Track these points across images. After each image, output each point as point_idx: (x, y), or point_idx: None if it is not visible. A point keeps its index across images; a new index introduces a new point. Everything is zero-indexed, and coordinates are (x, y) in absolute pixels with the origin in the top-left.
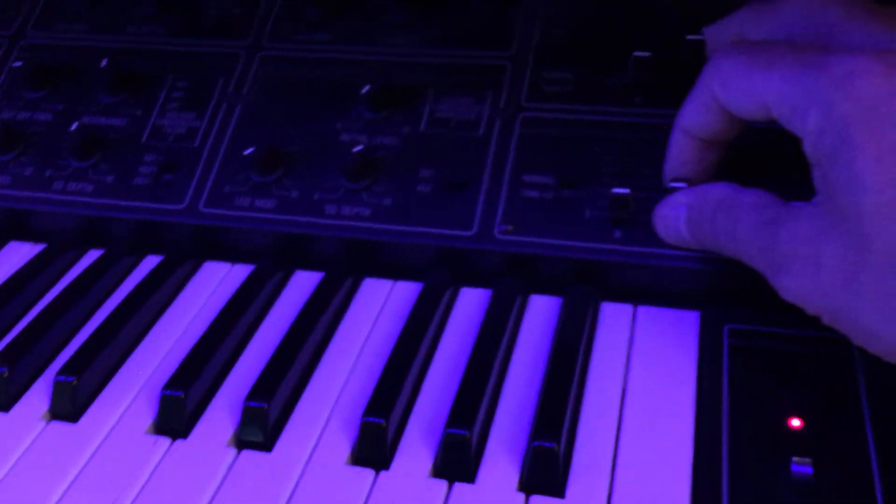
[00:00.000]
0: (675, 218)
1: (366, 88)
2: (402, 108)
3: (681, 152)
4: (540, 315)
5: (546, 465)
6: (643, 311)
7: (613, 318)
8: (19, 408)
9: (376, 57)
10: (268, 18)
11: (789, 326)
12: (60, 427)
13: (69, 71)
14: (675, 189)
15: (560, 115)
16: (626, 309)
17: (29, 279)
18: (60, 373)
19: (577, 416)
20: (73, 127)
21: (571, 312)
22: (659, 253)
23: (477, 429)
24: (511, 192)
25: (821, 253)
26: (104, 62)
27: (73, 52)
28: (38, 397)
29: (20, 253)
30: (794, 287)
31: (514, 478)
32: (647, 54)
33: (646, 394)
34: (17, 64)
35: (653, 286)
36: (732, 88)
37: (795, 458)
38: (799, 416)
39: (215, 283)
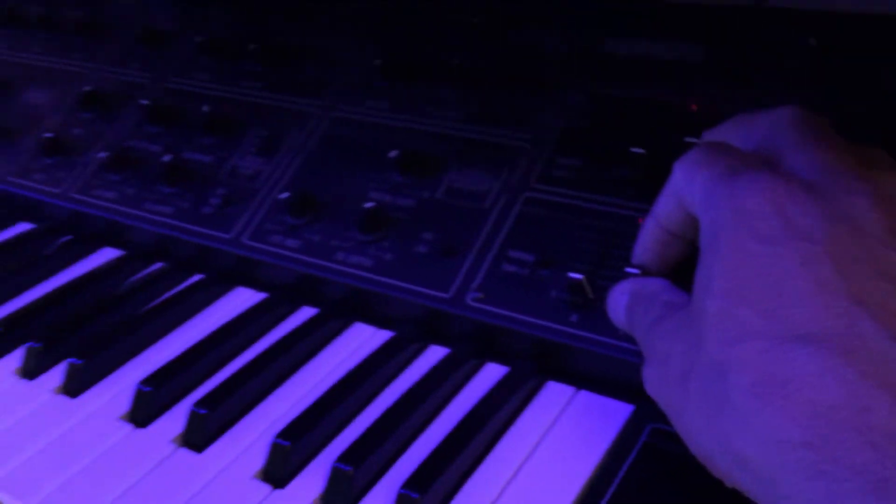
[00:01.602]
0: (618, 302)
1: (394, 153)
2: (427, 174)
3: (647, 239)
4: (487, 381)
5: None
6: (582, 395)
7: (550, 397)
8: (156, 427)
9: (421, 126)
10: (346, 83)
11: None
12: (186, 455)
13: (178, 113)
14: (631, 274)
15: (560, 199)
16: (567, 390)
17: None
18: (198, 404)
19: (468, 475)
20: (167, 158)
21: (507, 382)
22: (609, 343)
23: (366, 468)
24: (493, 264)
25: (672, 349)
26: (205, 108)
27: (184, 97)
28: (174, 421)
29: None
30: (648, 378)
31: None
32: (641, 151)
33: (539, 474)
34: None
35: (599, 373)
36: (684, 183)
37: None
38: None
39: (355, 345)
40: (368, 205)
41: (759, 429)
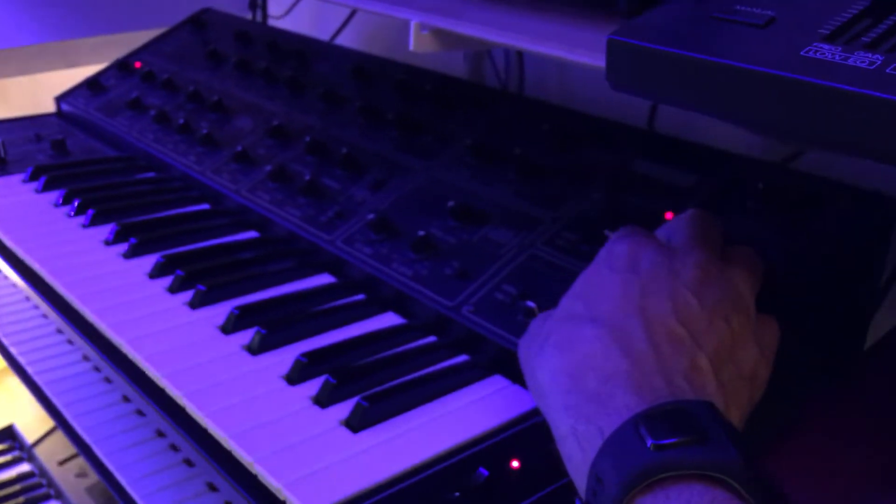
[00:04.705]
0: None
1: (451, 203)
2: (471, 223)
3: None
4: (454, 363)
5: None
6: (514, 387)
7: (491, 383)
8: (301, 387)
9: (484, 192)
10: (445, 154)
11: None
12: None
13: (326, 150)
14: None
15: (553, 259)
16: (504, 382)
17: None
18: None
19: (407, 410)
20: (307, 178)
21: (465, 365)
22: None
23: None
24: (489, 290)
25: (534, 327)
26: (344, 150)
27: (337, 141)
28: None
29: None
30: (519, 345)
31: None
32: (608, 232)
33: (450, 420)
34: None
35: None
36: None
37: None
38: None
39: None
40: (420, 233)
41: (548, 365)
